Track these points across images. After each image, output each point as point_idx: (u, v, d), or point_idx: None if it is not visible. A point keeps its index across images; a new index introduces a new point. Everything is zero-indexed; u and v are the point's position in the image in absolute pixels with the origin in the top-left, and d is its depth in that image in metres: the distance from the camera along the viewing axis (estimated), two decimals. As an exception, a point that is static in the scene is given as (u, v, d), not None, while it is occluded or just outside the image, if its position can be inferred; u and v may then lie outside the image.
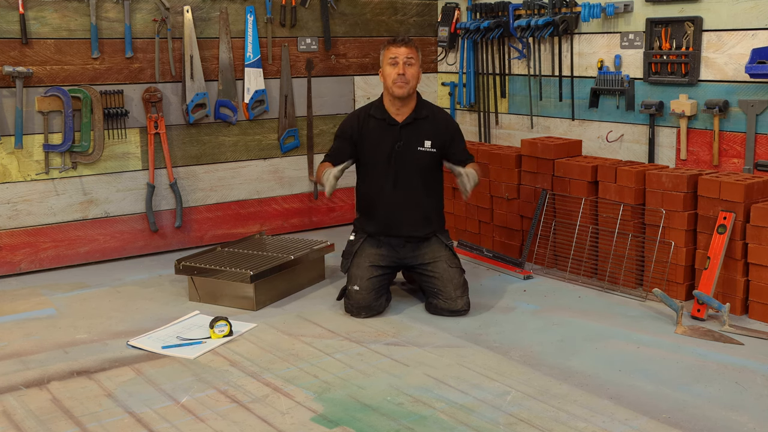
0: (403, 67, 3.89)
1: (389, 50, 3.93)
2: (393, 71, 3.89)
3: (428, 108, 4.07)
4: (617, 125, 4.87)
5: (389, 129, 3.98)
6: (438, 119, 4.05)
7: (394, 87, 3.90)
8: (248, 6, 5.21)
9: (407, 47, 3.91)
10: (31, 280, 4.62)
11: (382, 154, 3.97)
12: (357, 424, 2.83)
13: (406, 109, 3.98)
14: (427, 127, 4.00)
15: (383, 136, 3.98)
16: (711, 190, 3.92)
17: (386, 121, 3.99)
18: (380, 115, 4.01)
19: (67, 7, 4.63)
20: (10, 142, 4.55)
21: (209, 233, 5.29)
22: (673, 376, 3.20)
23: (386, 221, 3.99)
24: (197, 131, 5.16)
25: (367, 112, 4.06)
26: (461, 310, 3.90)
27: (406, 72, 3.89)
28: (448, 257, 3.98)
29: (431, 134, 3.99)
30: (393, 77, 3.89)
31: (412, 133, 3.98)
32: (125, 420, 2.89)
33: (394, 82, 3.89)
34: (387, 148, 3.97)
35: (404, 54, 3.89)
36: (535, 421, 2.83)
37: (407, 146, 3.97)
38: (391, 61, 3.90)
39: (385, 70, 3.93)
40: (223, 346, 3.57)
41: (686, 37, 4.40)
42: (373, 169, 4.03)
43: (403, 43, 3.92)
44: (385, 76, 3.94)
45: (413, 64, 3.92)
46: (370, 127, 4.01)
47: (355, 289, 3.91)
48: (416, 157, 3.97)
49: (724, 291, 3.90)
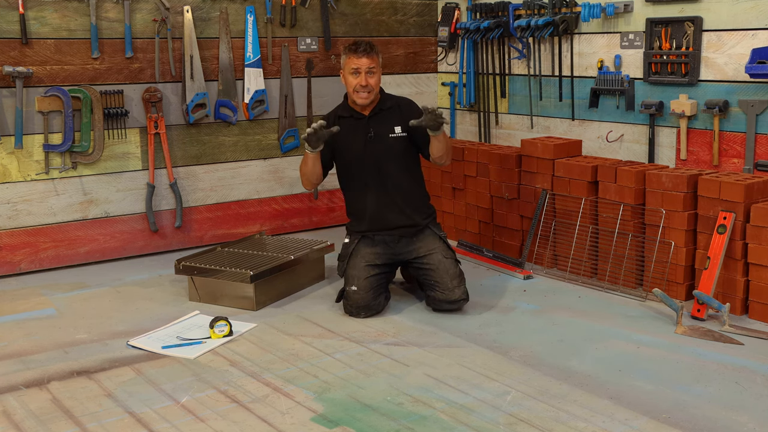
0: (365, 77, 3.92)
1: (351, 59, 3.93)
2: (355, 81, 3.93)
3: (392, 99, 4.11)
4: (617, 125, 4.87)
5: (358, 123, 4.03)
6: (402, 105, 4.09)
7: (357, 96, 3.95)
8: (248, 6, 5.21)
9: (368, 57, 3.91)
10: (31, 280, 4.61)
11: (357, 148, 4.01)
12: (357, 424, 2.83)
13: (372, 104, 4.04)
14: (394, 115, 4.04)
15: (354, 131, 4.02)
16: (711, 190, 3.92)
17: (354, 116, 4.03)
18: (347, 113, 4.06)
19: (67, 7, 4.63)
20: (10, 142, 4.55)
21: (209, 233, 5.28)
22: (673, 376, 3.20)
23: (375, 216, 4.01)
24: (197, 131, 5.16)
25: (335, 114, 4.10)
26: (459, 300, 3.91)
27: (369, 82, 3.93)
28: (443, 249, 4.00)
29: (399, 120, 4.02)
30: (356, 87, 3.93)
31: (381, 122, 4.02)
32: (125, 420, 2.89)
33: (357, 92, 3.94)
34: (360, 141, 4.00)
35: (366, 65, 3.91)
36: (535, 421, 2.83)
37: (378, 136, 4.00)
38: (354, 71, 3.92)
39: (347, 78, 3.97)
40: (223, 346, 3.57)
41: (686, 37, 4.40)
42: (351, 167, 4.06)
43: (364, 53, 3.91)
44: (347, 84, 3.98)
45: (375, 73, 3.95)
46: (340, 126, 4.03)
47: (353, 289, 3.91)
48: (389, 145, 4.00)
49: (724, 291, 3.90)
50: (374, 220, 4.02)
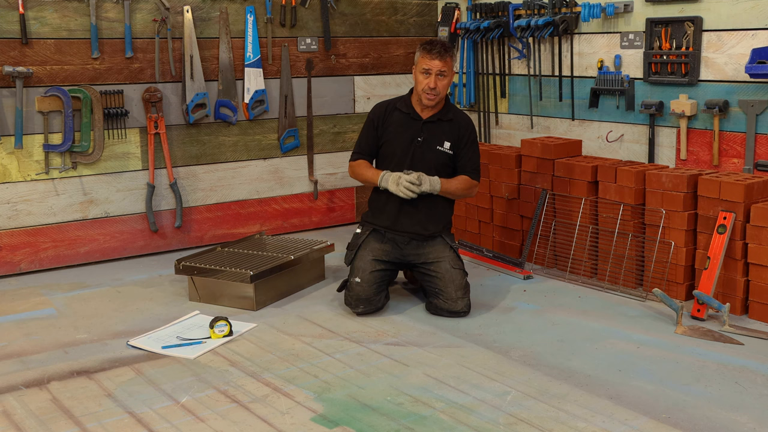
0: (435, 80, 3.88)
1: (424, 59, 3.90)
2: (425, 81, 3.89)
3: (453, 111, 4.07)
4: (617, 125, 4.87)
5: (412, 123, 4.00)
6: (460, 122, 4.05)
7: (423, 96, 3.92)
8: (248, 6, 5.21)
9: (441, 60, 3.87)
10: (31, 280, 4.62)
11: (401, 146, 3.98)
12: (357, 424, 2.83)
13: (433, 110, 4.01)
14: (448, 129, 4.01)
15: (405, 129, 4.00)
16: (711, 190, 3.92)
17: (410, 115, 4.01)
18: (406, 109, 4.03)
19: (67, 7, 4.63)
20: (10, 142, 4.55)
21: (209, 233, 5.29)
22: (673, 376, 3.20)
23: (396, 215, 3.99)
24: (197, 131, 5.16)
25: (393, 104, 4.08)
26: (461, 312, 3.90)
27: (438, 85, 3.89)
28: (452, 258, 3.98)
29: (451, 136, 4.01)
30: (424, 88, 3.90)
31: (434, 131, 3.99)
32: (125, 420, 2.89)
33: (425, 92, 3.91)
34: (406, 141, 3.98)
35: (438, 67, 3.87)
36: (535, 421, 2.84)
37: (427, 143, 3.98)
38: (424, 71, 3.89)
39: (417, 76, 3.93)
40: (223, 346, 3.57)
41: (686, 37, 4.40)
42: (390, 161, 4.02)
43: (438, 55, 3.87)
44: (416, 82, 3.94)
45: (446, 76, 3.92)
46: (394, 118, 4.03)
47: (356, 281, 3.91)
48: (434, 156, 3.97)
49: (724, 291, 3.90)
50: (391, 221, 4.00)
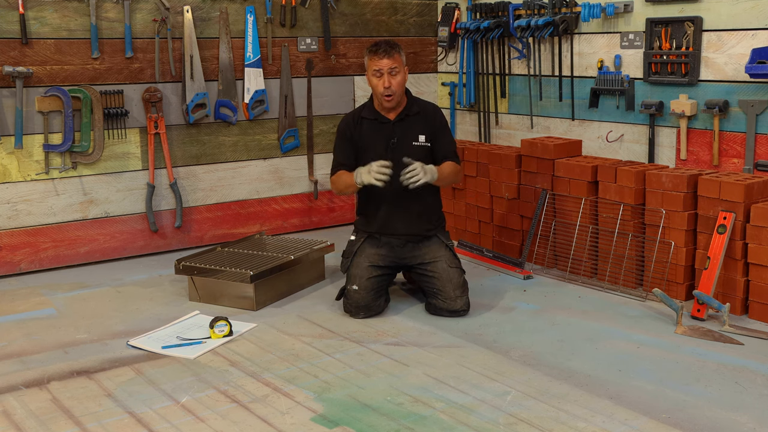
0: (388, 79, 3.87)
1: (372, 61, 3.90)
2: (379, 83, 3.88)
3: (418, 104, 4.06)
4: (617, 125, 4.87)
5: (382, 127, 3.98)
6: (428, 113, 4.05)
7: (383, 100, 3.92)
8: (248, 6, 5.21)
9: (389, 58, 3.86)
10: (31, 280, 4.62)
11: (377, 152, 3.95)
12: (357, 424, 2.83)
13: (398, 108, 3.99)
14: (419, 122, 4.00)
15: (377, 135, 3.98)
16: (711, 190, 3.92)
17: (378, 120, 3.99)
18: (372, 115, 4.01)
19: (67, 7, 4.63)
20: (10, 142, 4.55)
21: (209, 233, 5.29)
22: (673, 376, 3.20)
23: (385, 220, 3.99)
24: (197, 131, 5.16)
25: (358, 114, 4.05)
26: (460, 311, 3.90)
27: (392, 83, 3.87)
28: (448, 257, 3.98)
29: (424, 128, 4.00)
30: (382, 91, 3.89)
31: (406, 128, 3.98)
32: (125, 420, 2.89)
33: (383, 96, 3.90)
34: (382, 146, 3.96)
35: (387, 65, 3.86)
36: (535, 421, 2.84)
37: (401, 142, 3.96)
38: (376, 73, 3.88)
39: (372, 81, 3.93)
40: (223, 346, 3.57)
41: (686, 37, 4.40)
42: None
43: (385, 54, 3.86)
44: (373, 87, 3.94)
45: (398, 72, 3.89)
46: (364, 128, 4.00)
47: (354, 288, 3.91)
48: (411, 153, 3.96)
49: (724, 291, 3.90)
50: (383, 225, 3.99)
